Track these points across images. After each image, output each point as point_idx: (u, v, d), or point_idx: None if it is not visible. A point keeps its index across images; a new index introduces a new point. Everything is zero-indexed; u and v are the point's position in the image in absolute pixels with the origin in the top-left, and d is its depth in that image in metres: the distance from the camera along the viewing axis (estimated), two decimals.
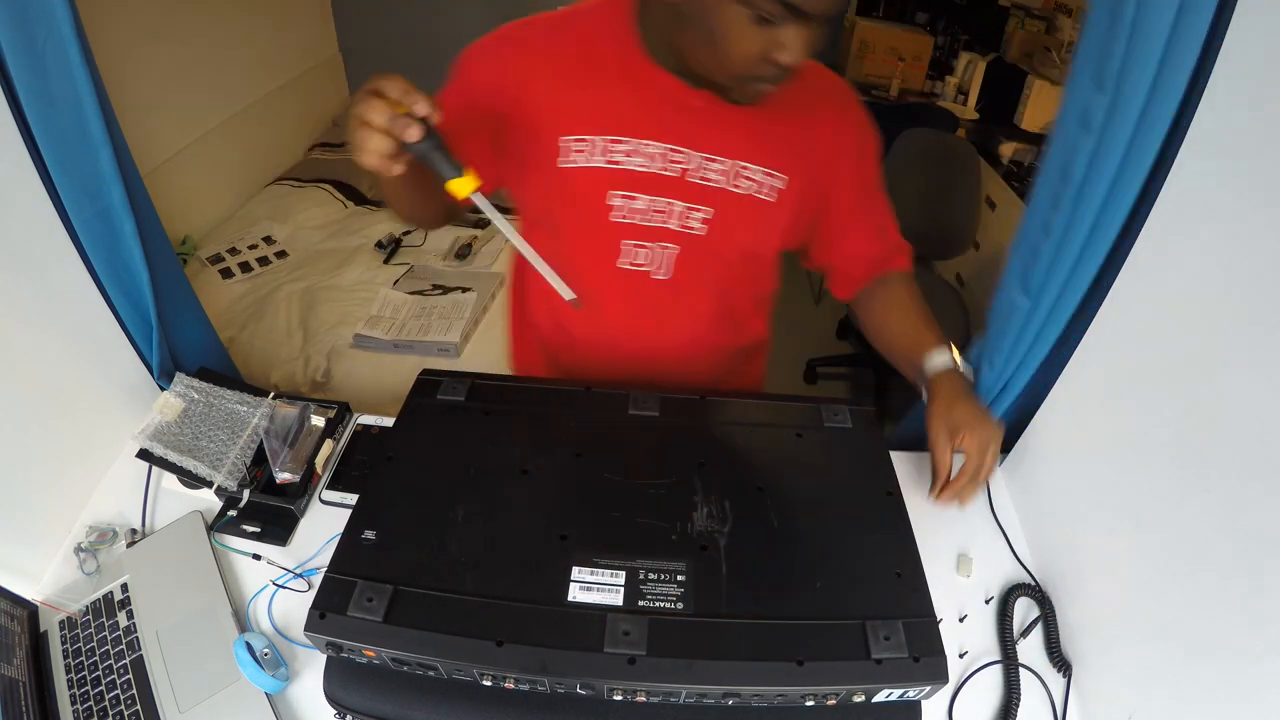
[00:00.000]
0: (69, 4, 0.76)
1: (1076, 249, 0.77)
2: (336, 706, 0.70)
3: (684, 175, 0.82)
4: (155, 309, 0.99)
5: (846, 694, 0.63)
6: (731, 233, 0.86)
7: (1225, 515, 0.61)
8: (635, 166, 0.82)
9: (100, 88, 0.83)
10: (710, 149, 0.82)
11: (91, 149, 0.86)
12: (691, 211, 0.84)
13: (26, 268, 0.88)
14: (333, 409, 1.02)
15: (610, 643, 0.61)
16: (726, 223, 0.85)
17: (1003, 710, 0.76)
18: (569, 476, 0.77)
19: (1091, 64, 0.67)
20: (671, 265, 0.88)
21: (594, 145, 0.81)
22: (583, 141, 0.81)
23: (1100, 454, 0.80)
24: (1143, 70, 0.64)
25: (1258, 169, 0.59)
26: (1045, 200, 0.77)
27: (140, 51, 1.95)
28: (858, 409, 0.87)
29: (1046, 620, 0.83)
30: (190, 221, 2.24)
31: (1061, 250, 0.77)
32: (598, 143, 0.81)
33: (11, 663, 0.75)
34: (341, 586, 0.65)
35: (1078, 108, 0.70)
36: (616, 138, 0.81)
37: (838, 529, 0.73)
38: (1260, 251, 0.59)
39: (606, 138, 0.81)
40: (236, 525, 0.91)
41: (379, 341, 1.84)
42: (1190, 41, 0.62)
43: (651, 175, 0.82)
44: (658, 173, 0.82)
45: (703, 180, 0.83)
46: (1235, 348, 0.61)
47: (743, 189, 0.84)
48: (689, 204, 0.84)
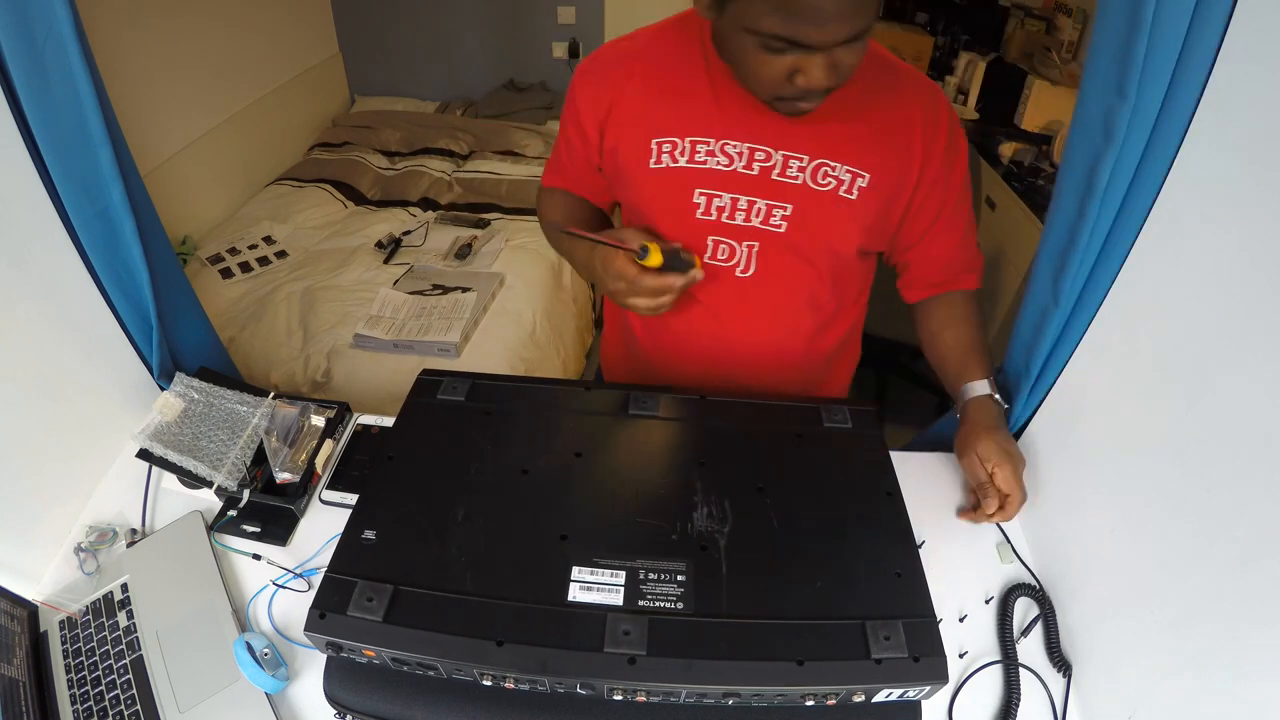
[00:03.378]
0: (69, 4, 0.76)
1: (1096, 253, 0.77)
2: (336, 706, 0.70)
3: (765, 173, 0.86)
4: (155, 309, 0.99)
5: (846, 694, 0.63)
6: (811, 228, 0.88)
7: (1225, 515, 0.61)
8: (718, 165, 0.86)
9: (100, 88, 0.83)
10: (792, 147, 0.85)
11: (91, 149, 0.86)
12: (773, 208, 0.87)
13: (26, 268, 0.88)
14: (333, 409, 1.02)
15: (610, 643, 0.61)
16: (806, 219, 0.88)
17: (1003, 710, 0.76)
18: (569, 476, 0.77)
19: (1113, 71, 0.66)
20: (754, 261, 0.91)
21: (680, 146, 0.86)
22: (670, 143, 0.87)
23: (1100, 454, 0.80)
24: (1161, 75, 0.64)
25: (1258, 169, 0.59)
26: (1072, 208, 0.76)
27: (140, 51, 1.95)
28: (858, 409, 0.87)
29: (1046, 620, 0.83)
30: (190, 221, 2.25)
31: (1088, 256, 0.77)
32: (683, 144, 0.86)
33: (11, 663, 0.75)
34: (341, 586, 0.65)
35: (1100, 115, 0.69)
36: (700, 139, 0.86)
37: (838, 529, 0.73)
38: (1260, 251, 0.59)
39: (691, 139, 0.86)
40: (236, 525, 0.91)
41: (379, 341, 1.84)
42: (1206, 43, 0.62)
43: (733, 174, 0.86)
44: (740, 171, 0.86)
45: (783, 178, 0.86)
46: (1235, 348, 0.61)
47: (824, 186, 0.86)
48: (770, 201, 0.87)
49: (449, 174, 2.71)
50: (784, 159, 0.85)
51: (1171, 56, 0.63)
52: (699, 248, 0.90)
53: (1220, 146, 0.64)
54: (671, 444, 0.83)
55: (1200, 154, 0.66)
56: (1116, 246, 0.76)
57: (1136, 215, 0.73)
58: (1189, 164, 0.67)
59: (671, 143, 0.86)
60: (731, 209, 0.88)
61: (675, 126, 0.86)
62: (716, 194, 0.87)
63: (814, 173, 0.85)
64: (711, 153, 0.86)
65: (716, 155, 0.86)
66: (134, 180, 0.92)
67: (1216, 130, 0.64)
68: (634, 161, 0.89)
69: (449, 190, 2.63)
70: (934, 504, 0.94)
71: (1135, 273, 0.74)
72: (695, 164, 0.86)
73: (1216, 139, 0.64)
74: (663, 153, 0.87)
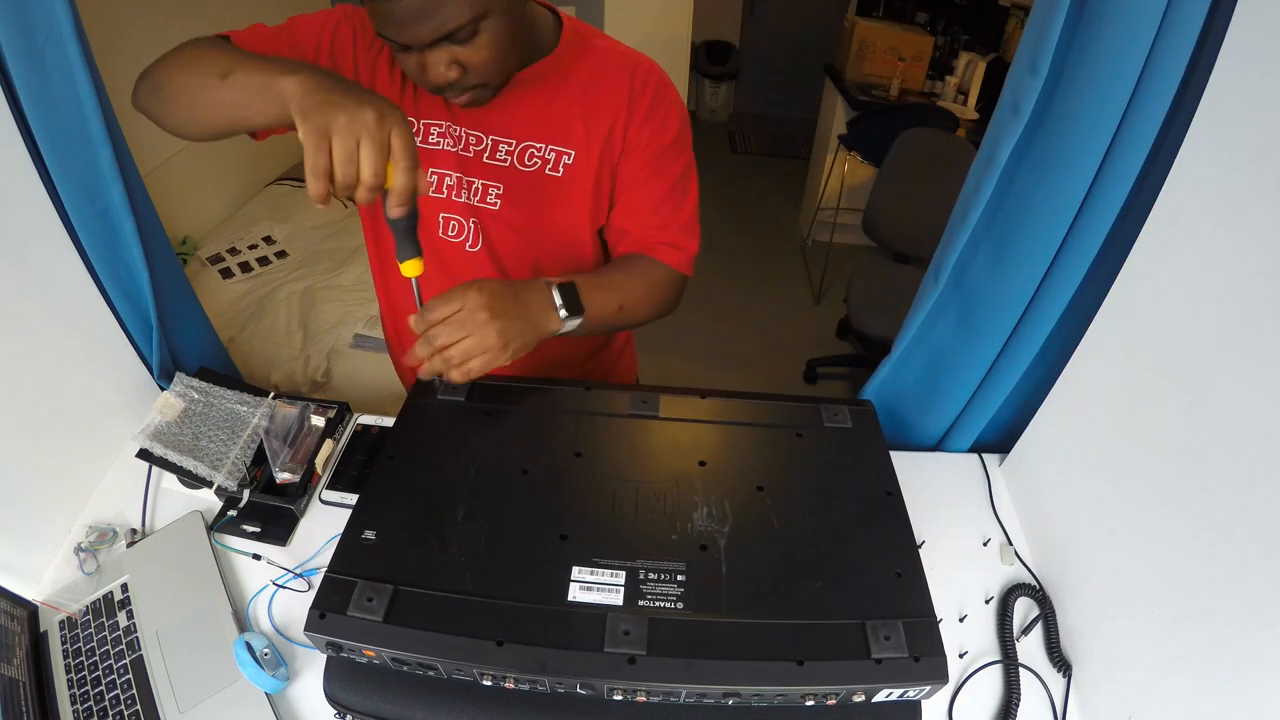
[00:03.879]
0: (69, 4, 0.76)
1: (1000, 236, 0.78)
2: (336, 706, 0.70)
3: (479, 155, 0.90)
4: (155, 309, 0.99)
5: (846, 694, 0.63)
6: (523, 206, 0.92)
7: (1225, 515, 0.61)
8: (447, 146, 0.90)
9: (100, 88, 0.84)
10: (500, 131, 0.89)
11: (91, 149, 0.86)
12: (488, 188, 0.91)
13: (26, 268, 0.88)
14: (333, 409, 1.02)
15: (610, 642, 0.61)
16: (517, 196, 0.91)
17: (1003, 710, 0.76)
18: (569, 476, 0.77)
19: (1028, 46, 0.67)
20: (479, 238, 0.95)
21: (416, 126, 0.89)
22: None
23: (1100, 454, 0.80)
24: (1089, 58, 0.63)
25: (1258, 169, 0.59)
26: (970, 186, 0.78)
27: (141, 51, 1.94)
28: (858, 409, 0.87)
29: (1046, 620, 0.83)
30: (190, 221, 2.25)
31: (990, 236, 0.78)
32: (418, 125, 0.89)
33: (11, 663, 0.75)
34: (341, 586, 0.65)
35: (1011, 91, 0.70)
36: (434, 121, 0.89)
37: (838, 529, 0.73)
38: (1261, 252, 0.59)
39: (425, 121, 0.89)
40: (236, 525, 0.91)
41: (379, 341, 1.84)
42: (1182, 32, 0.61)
43: (455, 155, 0.90)
44: (459, 153, 0.90)
45: (493, 160, 0.90)
46: (1235, 348, 0.61)
47: (530, 166, 0.90)
48: (485, 181, 0.91)
49: None
50: (493, 143, 0.89)
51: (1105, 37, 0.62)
52: (433, 222, 0.94)
53: (1220, 146, 0.64)
54: (671, 444, 0.83)
55: (1200, 153, 0.66)
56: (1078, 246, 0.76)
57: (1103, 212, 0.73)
58: (1189, 164, 0.67)
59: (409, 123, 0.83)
60: (458, 187, 0.91)
61: (414, 108, 0.89)
62: (445, 173, 0.91)
63: (520, 155, 0.89)
64: (444, 134, 0.89)
65: (447, 137, 0.89)
66: (134, 180, 0.93)
67: (1216, 130, 0.64)
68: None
69: None
70: (934, 504, 0.94)
71: (1135, 273, 0.74)
72: (429, 145, 0.89)
73: (1216, 138, 0.64)
74: None
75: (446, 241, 0.96)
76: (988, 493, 0.98)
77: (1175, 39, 0.62)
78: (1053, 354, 0.87)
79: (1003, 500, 0.98)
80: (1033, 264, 0.80)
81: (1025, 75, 0.67)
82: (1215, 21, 0.61)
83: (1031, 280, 0.81)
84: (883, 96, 2.99)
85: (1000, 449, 1.03)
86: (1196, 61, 0.64)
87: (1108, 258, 0.76)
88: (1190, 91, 0.65)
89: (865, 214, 2.50)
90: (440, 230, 0.95)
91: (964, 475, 1.01)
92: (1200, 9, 0.60)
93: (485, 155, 0.90)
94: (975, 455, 1.03)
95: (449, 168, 0.91)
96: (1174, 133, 0.67)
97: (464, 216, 0.94)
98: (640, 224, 0.94)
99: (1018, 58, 0.69)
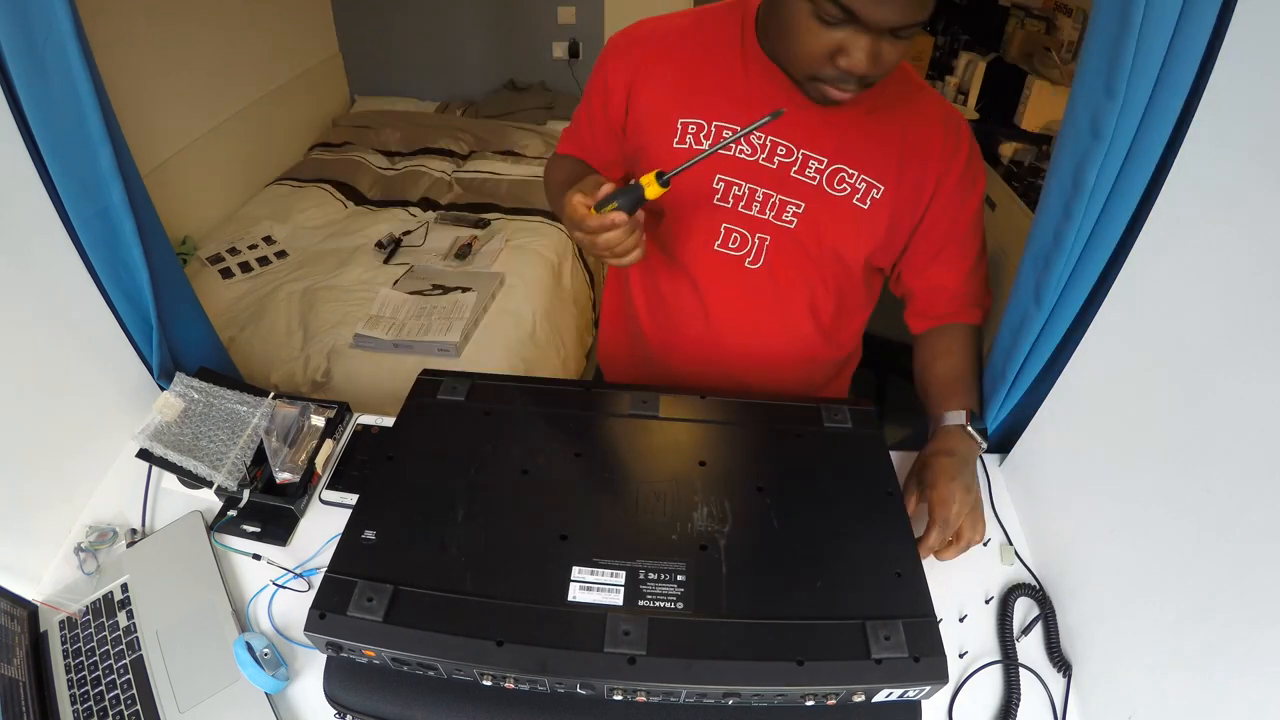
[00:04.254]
0: (69, 4, 0.76)
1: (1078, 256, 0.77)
2: (336, 706, 0.70)
3: (784, 169, 0.86)
4: (155, 309, 0.99)
5: (846, 694, 0.63)
6: (821, 230, 0.89)
7: (1225, 515, 0.61)
8: (740, 154, 0.86)
9: (100, 88, 0.83)
10: (814, 147, 0.85)
11: (91, 149, 0.86)
12: (786, 204, 0.88)
13: (26, 267, 0.88)
14: (333, 409, 1.02)
15: (610, 643, 0.61)
16: (817, 220, 0.88)
17: (1003, 710, 0.76)
18: (569, 476, 0.77)
19: (1102, 69, 0.66)
20: (763, 254, 0.91)
21: (706, 129, 0.86)
22: (696, 124, 0.86)
23: (1100, 454, 0.80)
24: (1148, 73, 0.63)
25: (1259, 169, 0.59)
26: (1057, 210, 0.76)
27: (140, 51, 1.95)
28: (858, 409, 0.87)
29: (1046, 620, 0.83)
30: (190, 221, 2.25)
31: (1071, 258, 0.77)
32: (709, 128, 0.86)
33: (11, 663, 0.75)
34: (341, 586, 0.65)
35: (1088, 114, 0.69)
36: (727, 124, 0.85)
37: (838, 529, 0.73)
38: (1261, 252, 0.59)
39: (718, 123, 0.86)
40: (236, 525, 0.91)
41: (379, 341, 1.84)
42: (1194, 42, 0.62)
43: (754, 164, 0.86)
44: (761, 163, 0.86)
45: (801, 176, 0.86)
46: (1235, 348, 0.61)
47: (840, 191, 0.86)
48: (785, 196, 0.87)
49: (449, 174, 2.71)
50: (804, 158, 0.85)
51: (1158, 56, 0.62)
52: (712, 233, 0.91)
53: (1220, 146, 0.64)
54: (671, 444, 0.83)
55: (1200, 153, 0.66)
56: (1098, 248, 0.75)
57: (1119, 217, 0.73)
58: (1189, 164, 0.67)
59: (698, 124, 0.86)
60: (749, 199, 0.88)
61: (703, 109, 0.86)
62: (736, 182, 0.87)
63: (830, 177, 0.86)
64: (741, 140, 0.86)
65: (741, 143, 0.86)
66: (134, 180, 0.92)
67: (1216, 130, 0.64)
68: (657, 138, 0.89)
69: (449, 190, 2.63)
70: None
71: (1135, 273, 0.74)
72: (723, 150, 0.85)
73: (1217, 138, 0.64)
74: (687, 133, 0.87)
75: (723, 254, 0.92)
76: (988, 493, 0.98)
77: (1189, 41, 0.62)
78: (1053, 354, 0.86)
79: (1003, 500, 0.97)
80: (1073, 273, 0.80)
81: (1102, 99, 0.66)
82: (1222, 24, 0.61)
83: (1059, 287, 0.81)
84: None
85: (1000, 449, 1.03)
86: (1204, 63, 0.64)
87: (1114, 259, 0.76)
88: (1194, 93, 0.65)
89: None
90: (719, 242, 0.91)
91: None
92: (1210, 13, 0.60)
93: (794, 169, 0.86)
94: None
95: (740, 176, 0.87)
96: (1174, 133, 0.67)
97: (749, 230, 0.90)
98: (958, 284, 0.94)
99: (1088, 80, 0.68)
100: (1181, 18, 0.61)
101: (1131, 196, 0.71)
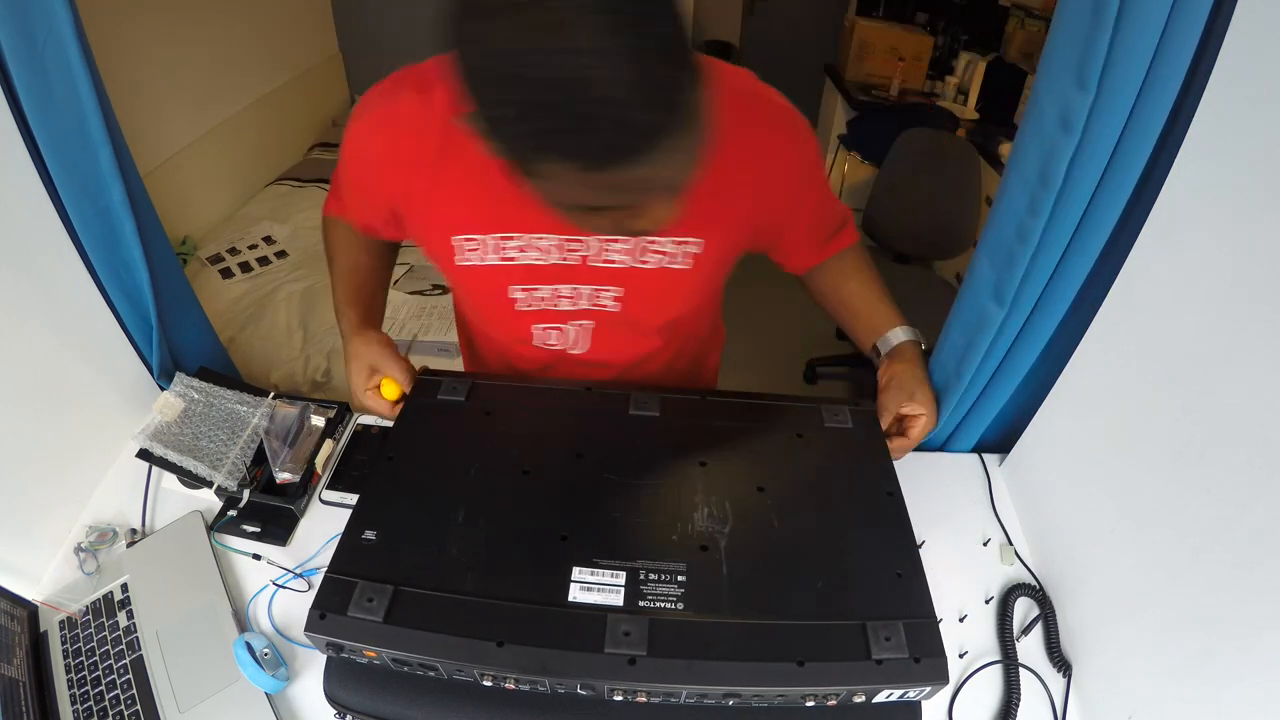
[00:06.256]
0: (69, 4, 0.76)
1: (1057, 256, 0.75)
2: (336, 706, 0.70)
3: (585, 261, 0.79)
4: (155, 309, 0.99)
5: (847, 694, 0.63)
6: (646, 306, 0.84)
7: (1225, 515, 0.61)
8: (531, 260, 0.78)
9: (100, 88, 0.83)
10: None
11: (91, 149, 0.86)
12: (600, 292, 0.82)
13: (26, 268, 0.88)
14: (333, 409, 1.02)
15: (610, 643, 0.61)
16: (640, 297, 0.82)
17: (1003, 710, 0.76)
18: (569, 476, 0.77)
19: (1071, 61, 0.64)
20: (588, 340, 0.88)
21: (485, 244, 0.78)
22: (473, 240, 0.78)
23: (1100, 454, 0.80)
24: (1131, 68, 0.62)
25: (1259, 168, 0.59)
26: (1021, 204, 0.73)
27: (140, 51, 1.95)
28: (858, 409, 0.87)
29: (1046, 620, 0.83)
30: (190, 221, 2.25)
31: (1039, 257, 0.75)
32: (489, 242, 0.77)
33: (11, 663, 0.75)
34: (341, 586, 0.65)
35: (1056, 107, 0.67)
36: (506, 234, 0.77)
37: (838, 529, 0.73)
38: (1261, 251, 0.59)
39: (495, 236, 0.77)
40: (236, 525, 0.91)
41: None
42: (1185, 36, 0.60)
43: (550, 266, 0.79)
44: (557, 263, 0.79)
45: (606, 263, 0.79)
46: (1235, 348, 0.61)
47: (651, 264, 0.80)
48: (595, 286, 0.81)
49: None
50: (601, 244, 0.78)
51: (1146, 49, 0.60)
52: (525, 335, 0.87)
53: (1220, 145, 0.64)
54: (671, 444, 0.83)
55: (1200, 153, 0.66)
56: (1084, 250, 0.74)
57: (1105, 216, 0.71)
58: (1188, 163, 0.67)
59: (475, 241, 0.77)
60: (553, 298, 0.82)
61: (476, 222, 0.76)
62: (534, 288, 0.81)
63: (638, 252, 0.78)
64: (522, 248, 0.77)
65: (527, 250, 0.77)
66: (134, 180, 0.92)
67: (1216, 129, 0.64)
68: (438, 254, 0.81)
69: None
70: (934, 504, 0.94)
71: (1135, 272, 0.74)
72: (506, 260, 0.78)
73: (1216, 138, 0.64)
74: (467, 250, 0.78)
75: (545, 349, 0.89)
76: (988, 493, 0.98)
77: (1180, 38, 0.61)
78: (1053, 354, 0.86)
79: (1003, 500, 0.98)
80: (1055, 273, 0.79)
81: (1073, 91, 0.64)
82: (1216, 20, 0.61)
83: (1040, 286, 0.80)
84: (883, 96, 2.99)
85: (1000, 449, 1.03)
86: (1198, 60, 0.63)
87: (1108, 258, 0.76)
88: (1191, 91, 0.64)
89: (865, 214, 2.50)
90: (535, 339, 0.87)
91: (964, 475, 1.01)
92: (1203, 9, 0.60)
93: (593, 258, 0.79)
94: (976, 455, 1.03)
95: (538, 281, 0.80)
96: (1174, 133, 0.67)
97: (565, 322, 0.85)
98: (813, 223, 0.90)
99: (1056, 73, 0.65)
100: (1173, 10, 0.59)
101: (1119, 195, 0.70)
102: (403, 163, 0.74)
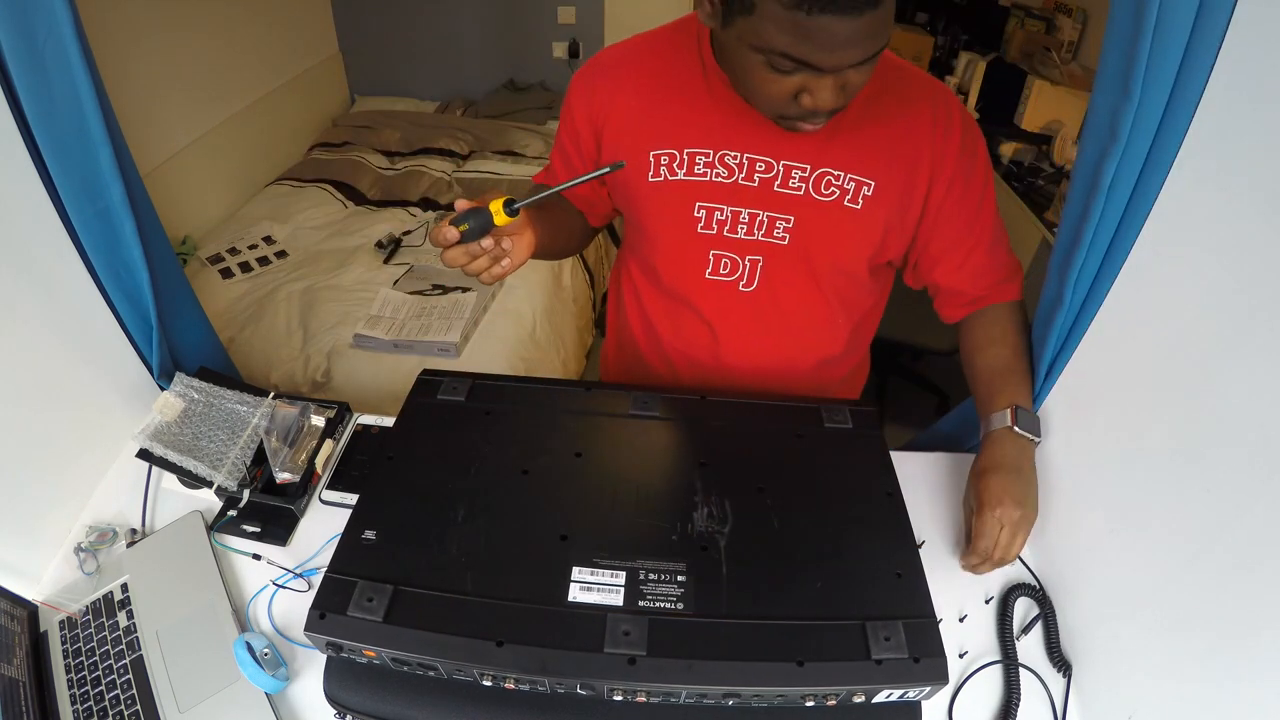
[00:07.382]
0: (69, 4, 0.76)
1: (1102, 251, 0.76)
2: (336, 706, 0.70)
3: (766, 185, 0.83)
4: (155, 309, 0.99)
5: (846, 694, 0.63)
6: (816, 241, 0.85)
7: (1225, 515, 0.61)
8: (717, 178, 0.84)
9: (100, 88, 0.83)
10: (793, 156, 0.82)
11: (91, 149, 0.86)
12: (775, 220, 0.85)
13: (26, 268, 0.88)
14: (333, 409, 1.02)
15: (610, 643, 0.61)
16: (811, 231, 0.85)
17: (1003, 710, 0.76)
18: (569, 476, 0.77)
19: (1120, 69, 0.66)
20: (756, 276, 0.89)
21: (678, 158, 0.84)
22: (667, 155, 0.84)
23: (1100, 453, 0.80)
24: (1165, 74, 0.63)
25: (1258, 168, 0.59)
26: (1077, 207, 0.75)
27: (140, 51, 1.95)
28: (858, 409, 0.87)
29: (1046, 620, 0.83)
30: (190, 221, 2.25)
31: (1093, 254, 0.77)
32: (681, 156, 0.84)
33: (11, 663, 0.75)
34: (341, 586, 0.65)
35: (1107, 113, 0.68)
36: (699, 150, 0.83)
37: (838, 529, 0.73)
38: (1261, 251, 0.59)
39: (689, 150, 0.83)
40: (236, 525, 0.91)
41: (379, 341, 1.84)
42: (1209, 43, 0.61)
43: (733, 186, 0.84)
44: (740, 183, 0.83)
45: (785, 189, 0.83)
46: (1235, 347, 0.61)
47: (828, 196, 0.83)
48: (772, 213, 0.84)
49: (449, 174, 2.71)
50: (785, 169, 0.82)
51: (1176, 56, 0.62)
52: (701, 261, 0.89)
53: (1222, 144, 0.64)
54: (672, 444, 0.83)
55: (1202, 151, 0.66)
56: (1122, 245, 0.75)
57: (1141, 214, 0.73)
58: (1190, 161, 0.67)
59: (669, 155, 0.84)
60: (733, 222, 0.85)
61: (672, 138, 0.84)
62: (717, 207, 0.85)
63: (816, 182, 0.82)
64: (710, 164, 0.83)
65: (716, 167, 0.83)
66: (134, 180, 0.92)
67: (1218, 128, 0.64)
68: (632, 174, 0.87)
69: (449, 190, 2.63)
70: (934, 504, 0.94)
71: (1136, 271, 0.74)
72: (694, 176, 0.84)
73: (1218, 137, 0.64)
74: (660, 165, 0.85)
75: (716, 281, 0.90)
76: None
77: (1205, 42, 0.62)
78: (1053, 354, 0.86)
79: None
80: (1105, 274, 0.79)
81: (1120, 99, 0.66)
82: None
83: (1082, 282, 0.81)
84: None
85: None
86: None
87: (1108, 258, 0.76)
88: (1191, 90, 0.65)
89: None
90: (709, 270, 0.89)
91: (964, 475, 1.01)
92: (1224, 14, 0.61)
93: (776, 183, 0.82)
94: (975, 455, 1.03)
95: (721, 200, 0.84)
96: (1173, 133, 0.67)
97: (739, 254, 0.87)
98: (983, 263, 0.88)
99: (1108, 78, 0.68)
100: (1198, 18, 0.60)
101: (1152, 195, 0.71)
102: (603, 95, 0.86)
